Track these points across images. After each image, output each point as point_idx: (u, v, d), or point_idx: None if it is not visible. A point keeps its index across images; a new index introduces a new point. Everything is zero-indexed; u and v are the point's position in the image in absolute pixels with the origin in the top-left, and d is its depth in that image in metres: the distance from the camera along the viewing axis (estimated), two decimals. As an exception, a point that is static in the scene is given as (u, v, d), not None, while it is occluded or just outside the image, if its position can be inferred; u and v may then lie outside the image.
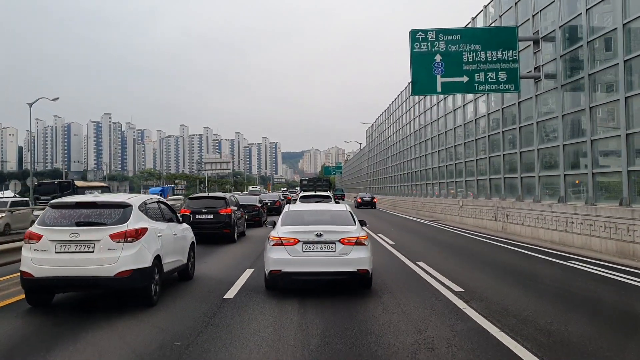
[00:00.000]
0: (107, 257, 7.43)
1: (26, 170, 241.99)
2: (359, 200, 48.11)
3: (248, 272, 10.76)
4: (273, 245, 8.51)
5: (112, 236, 7.52)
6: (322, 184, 48.80)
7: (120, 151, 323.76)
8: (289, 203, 19.48)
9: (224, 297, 8.50)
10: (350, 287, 8.91)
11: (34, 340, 6.50)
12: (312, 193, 29.82)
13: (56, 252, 7.44)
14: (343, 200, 61.58)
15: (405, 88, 40.99)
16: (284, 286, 8.75)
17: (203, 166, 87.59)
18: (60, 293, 8.36)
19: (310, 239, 8.34)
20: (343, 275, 8.42)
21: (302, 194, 30.31)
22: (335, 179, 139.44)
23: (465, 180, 26.41)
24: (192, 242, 10.64)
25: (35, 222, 7.91)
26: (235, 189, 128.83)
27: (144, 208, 8.51)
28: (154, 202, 9.27)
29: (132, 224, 7.77)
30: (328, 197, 26.91)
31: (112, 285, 7.53)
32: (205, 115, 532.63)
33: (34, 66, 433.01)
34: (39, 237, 7.54)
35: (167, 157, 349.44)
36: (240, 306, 7.87)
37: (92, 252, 7.43)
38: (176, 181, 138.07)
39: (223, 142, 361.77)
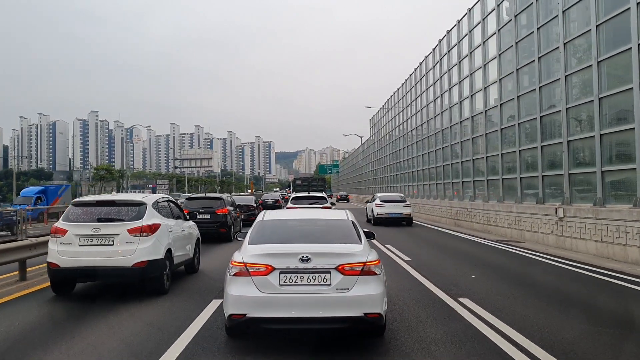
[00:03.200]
0: (125, 249, 8.23)
1: (11, 169, 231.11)
2: (338, 197, 64.46)
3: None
4: (235, 274, 5.42)
5: (130, 231, 8.32)
6: (317, 184, 44.94)
7: (107, 150, 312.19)
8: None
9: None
10: None
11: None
12: (306, 194, 25.83)
13: (80, 245, 8.25)
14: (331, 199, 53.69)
15: (433, 50, 29.64)
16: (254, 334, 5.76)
17: (181, 163, 75.46)
18: (82, 282, 9.09)
19: (291, 265, 5.31)
20: (342, 323, 5.26)
21: (294, 194, 25.77)
22: (332, 178, 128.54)
23: (569, 174, 15.11)
24: (198, 238, 11.26)
25: (60, 219, 8.70)
26: (222, 189, 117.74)
27: (156, 206, 9.21)
28: (164, 201, 10.02)
29: (146, 220, 8.54)
30: (323, 198, 23.31)
31: (130, 274, 8.28)
32: (199, 115, 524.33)
33: (22, 64, 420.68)
34: (64, 232, 8.34)
35: (157, 157, 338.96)
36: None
37: (112, 245, 8.24)
38: (158, 182, 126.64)
39: (215, 141, 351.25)
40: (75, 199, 9.55)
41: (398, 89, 40.56)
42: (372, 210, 25.82)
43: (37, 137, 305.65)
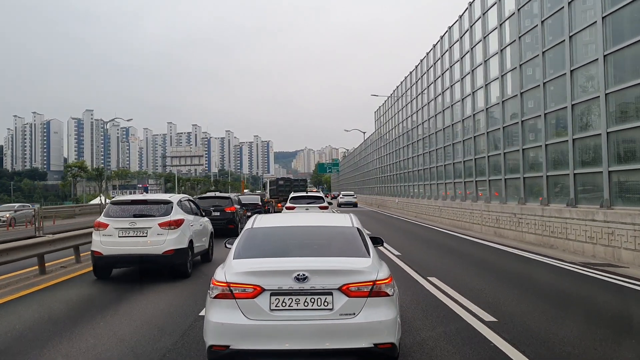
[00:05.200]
0: (156, 240, 9.92)
1: (5, 170, 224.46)
2: (332, 196, 71.35)
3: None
4: (216, 296, 4.50)
5: (160, 225, 10.01)
6: (298, 184, 44.71)
7: (103, 150, 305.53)
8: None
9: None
10: None
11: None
12: (304, 194, 25.26)
13: (119, 237, 9.93)
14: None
15: (459, 17, 24.14)
16: None
17: (170, 161, 69.83)
18: (119, 268, 10.87)
19: (285, 285, 4.36)
20: (347, 356, 4.30)
21: (292, 194, 24.42)
22: (331, 178, 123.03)
23: None
24: (211, 232, 13.10)
25: (102, 215, 10.45)
26: (217, 189, 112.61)
27: (180, 204, 10.96)
28: (186, 200, 11.85)
29: (173, 216, 10.27)
30: (321, 198, 23.03)
31: (160, 261, 9.97)
32: (198, 115, 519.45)
33: (19, 64, 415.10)
34: (106, 226, 10.02)
35: (154, 156, 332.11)
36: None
37: (146, 236, 9.93)
38: (150, 182, 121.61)
39: (212, 140, 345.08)
40: (114, 199, 11.54)
41: (411, 72, 35.01)
42: (339, 200, 51.97)
43: (31, 137, 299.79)
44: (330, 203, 25.10)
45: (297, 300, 4.34)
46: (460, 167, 24.29)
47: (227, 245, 5.65)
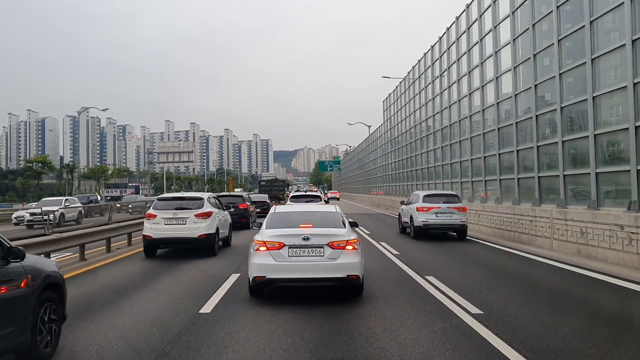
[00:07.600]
0: (192, 227, 13.42)
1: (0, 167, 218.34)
2: (326, 195, 74.29)
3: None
4: (257, 249, 8.18)
5: (196, 215, 13.52)
6: (277, 184, 54.35)
7: (99, 148, 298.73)
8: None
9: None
10: None
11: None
12: (304, 193, 30.81)
13: (165, 224, 13.47)
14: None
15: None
16: (270, 293, 8.54)
17: (156, 157, 63.64)
18: (164, 249, 14.49)
19: (296, 242, 8.00)
20: (332, 282, 8.04)
21: (293, 193, 30.89)
22: (332, 176, 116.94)
23: None
24: (230, 223, 16.63)
25: (151, 208, 14.12)
26: (212, 189, 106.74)
27: (209, 200, 14.42)
28: (212, 197, 15.58)
29: (205, 209, 13.77)
30: (318, 197, 26.74)
31: (195, 242, 13.53)
32: (196, 115, 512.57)
33: (16, 63, 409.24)
34: (155, 216, 13.60)
35: (152, 155, 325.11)
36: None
37: (185, 224, 13.46)
38: (142, 180, 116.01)
39: (211, 139, 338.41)
40: (160, 195, 16.69)
41: (432, 46, 28.75)
42: (327, 196, 67.30)
43: (25, 135, 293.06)
44: (327, 201, 28.67)
45: (303, 250, 7.89)
46: (511, 158, 18.10)
47: (254, 227, 9.77)
